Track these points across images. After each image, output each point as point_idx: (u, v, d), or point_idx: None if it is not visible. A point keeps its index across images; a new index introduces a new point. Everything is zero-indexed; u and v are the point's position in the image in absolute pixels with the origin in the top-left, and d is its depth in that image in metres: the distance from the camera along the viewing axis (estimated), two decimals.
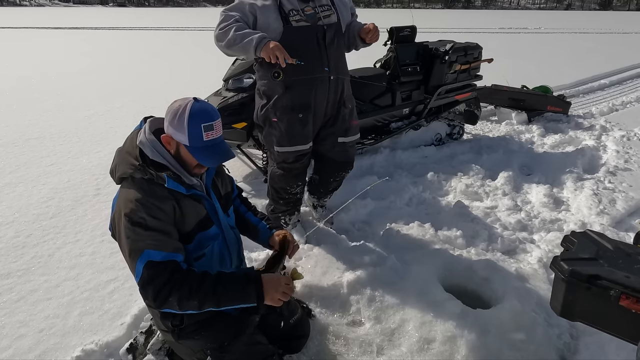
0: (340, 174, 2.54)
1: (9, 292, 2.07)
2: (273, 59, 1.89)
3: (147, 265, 1.21)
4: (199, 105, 1.29)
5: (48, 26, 21.98)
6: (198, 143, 1.28)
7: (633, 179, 3.47)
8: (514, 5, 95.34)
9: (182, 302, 1.23)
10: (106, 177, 3.36)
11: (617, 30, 20.49)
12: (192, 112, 1.27)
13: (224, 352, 1.42)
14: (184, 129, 1.26)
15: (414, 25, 3.78)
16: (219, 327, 1.43)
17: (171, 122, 1.29)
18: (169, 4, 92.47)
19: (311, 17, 2.10)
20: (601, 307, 1.16)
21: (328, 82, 2.19)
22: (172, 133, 1.29)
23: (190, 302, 1.24)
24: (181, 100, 1.31)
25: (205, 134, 1.28)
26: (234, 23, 1.98)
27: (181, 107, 1.28)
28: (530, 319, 1.75)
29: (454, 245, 2.40)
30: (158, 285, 1.21)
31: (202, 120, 1.27)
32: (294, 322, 1.67)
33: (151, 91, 6.58)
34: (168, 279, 1.22)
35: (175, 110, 1.28)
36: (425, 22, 23.17)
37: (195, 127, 1.26)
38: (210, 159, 1.31)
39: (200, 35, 17.10)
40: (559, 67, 8.84)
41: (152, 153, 1.31)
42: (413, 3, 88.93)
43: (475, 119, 4.25)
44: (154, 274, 1.21)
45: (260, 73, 2.22)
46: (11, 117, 5.08)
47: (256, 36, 1.92)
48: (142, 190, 1.26)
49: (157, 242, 1.23)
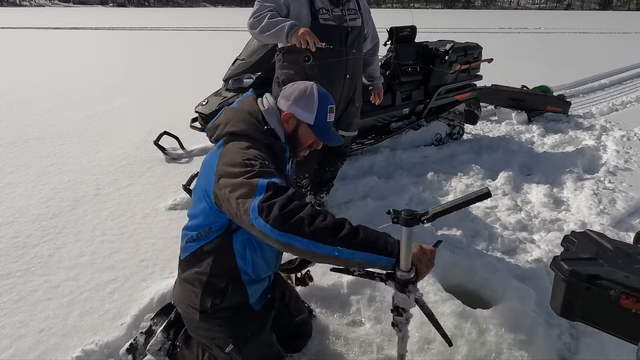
0: (335, 164, 2.69)
1: (9, 292, 2.07)
2: (303, 44, 1.97)
3: (270, 184, 1.10)
4: (322, 89, 1.41)
5: (48, 26, 21.97)
6: (323, 122, 1.40)
7: (633, 179, 3.47)
8: (514, 5, 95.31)
9: (316, 223, 1.04)
10: (106, 177, 3.37)
11: (617, 30, 20.49)
12: (321, 94, 1.39)
13: (247, 344, 1.42)
14: (312, 108, 1.37)
15: (414, 25, 3.78)
16: (246, 318, 1.43)
17: (297, 101, 1.38)
18: (169, 4, 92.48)
19: (338, 18, 2.24)
20: (601, 307, 1.16)
21: (344, 80, 2.33)
22: (295, 111, 1.38)
23: (324, 230, 1.04)
24: (302, 83, 1.42)
25: (329, 114, 1.41)
26: (267, 12, 2.10)
27: (308, 88, 1.39)
28: (530, 319, 1.75)
29: (454, 245, 2.40)
30: (285, 200, 1.07)
31: (328, 102, 1.41)
32: (300, 321, 1.68)
33: (151, 91, 6.57)
34: (293, 197, 1.10)
35: (302, 91, 1.39)
36: (425, 22, 23.18)
37: (324, 107, 1.39)
38: (332, 138, 1.43)
39: (200, 36, 17.11)
40: (559, 67, 8.84)
41: (272, 122, 1.37)
42: (413, 3, 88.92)
43: (475, 119, 4.25)
44: (279, 190, 1.10)
45: (281, 62, 2.33)
46: (11, 117, 5.07)
47: (288, 23, 2.02)
48: (260, 146, 1.28)
49: (274, 174, 1.17)
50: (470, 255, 2.23)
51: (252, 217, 1.08)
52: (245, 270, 1.39)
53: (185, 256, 1.43)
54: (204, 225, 1.34)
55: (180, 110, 5.09)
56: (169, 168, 3.61)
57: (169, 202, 2.92)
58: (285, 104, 1.40)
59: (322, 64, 2.18)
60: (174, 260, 2.33)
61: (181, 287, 1.47)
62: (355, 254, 1.05)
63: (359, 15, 2.33)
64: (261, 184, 1.10)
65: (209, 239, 1.35)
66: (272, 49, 2.98)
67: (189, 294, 1.43)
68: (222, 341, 1.42)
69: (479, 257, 2.21)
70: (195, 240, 1.38)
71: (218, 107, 3.10)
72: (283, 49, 2.29)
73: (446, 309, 1.76)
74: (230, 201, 1.15)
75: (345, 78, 2.33)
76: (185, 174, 3.23)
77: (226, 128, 1.33)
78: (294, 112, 1.38)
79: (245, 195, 1.11)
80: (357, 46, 2.34)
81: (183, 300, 1.46)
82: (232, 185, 1.15)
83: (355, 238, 1.05)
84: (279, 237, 1.05)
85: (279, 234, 1.05)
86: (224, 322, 1.41)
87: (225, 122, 1.35)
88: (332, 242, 1.04)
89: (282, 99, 1.42)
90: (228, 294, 1.39)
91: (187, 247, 1.42)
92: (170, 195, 3.05)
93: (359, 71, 2.44)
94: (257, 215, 1.07)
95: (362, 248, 1.05)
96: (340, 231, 1.05)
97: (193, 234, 1.38)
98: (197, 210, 1.36)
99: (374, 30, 2.53)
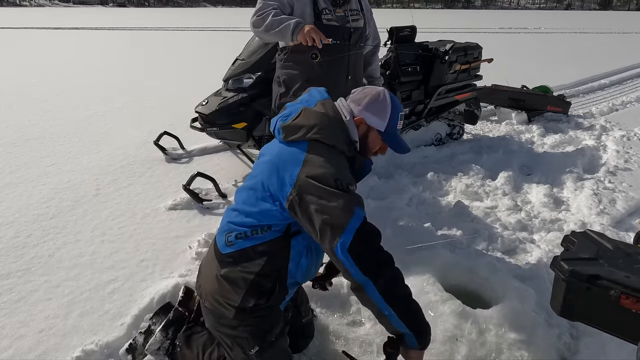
0: None
1: (9, 292, 2.07)
2: (310, 41, 1.96)
3: (360, 228, 1.17)
4: (393, 95, 1.40)
5: (48, 26, 21.98)
6: (393, 130, 1.38)
7: (633, 178, 3.47)
8: (514, 5, 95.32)
9: (396, 285, 1.19)
10: (106, 177, 3.37)
11: (617, 30, 20.49)
12: (393, 101, 1.37)
13: (270, 347, 1.40)
14: (385, 115, 1.36)
15: (414, 25, 3.78)
16: (275, 320, 1.41)
17: (368, 106, 1.36)
18: (169, 4, 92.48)
19: (341, 19, 2.23)
20: (601, 307, 1.16)
21: (346, 81, 2.31)
22: (367, 117, 1.36)
23: (397, 296, 1.18)
24: (372, 88, 1.40)
25: (399, 122, 1.39)
26: (271, 10, 2.09)
27: (381, 94, 1.37)
28: (530, 319, 1.75)
29: (454, 246, 2.40)
30: (375, 249, 1.20)
31: (399, 110, 1.39)
32: (306, 322, 1.69)
33: (151, 91, 6.57)
34: (380, 242, 1.21)
35: (374, 96, 1.36)
36: (425, 22, 23.17)
37: (395, 115, 1.37)
38: (401, 146, 1.42)
39: (200, 36, 17.11)
40: (559, 67, 8.84)
41: (353, 134, 1.36)
42: (413, 3, 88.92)
43: (475, 119, 4.25)
44: (369, 234, 1.19)
45: (282, 62, 2.31)
46: (11, 117, 5.07)
47: (293, 21, 2.01)
48: (343, 159, 1.30)
49: (362, 202, 1.23)
50: (470, 255, 2.23)
51: (338, 251, 1.16)
52: (294, 274, 1.37)
53: (231, 252, 1.35)
54: (263, 224, 1.29)
55: (180, 110, 5.08)
56: (169, 168, 3.61)
57: (169, 202, 2.92)
58: (356, 108, 1.37)
59: (329, 60, 2.16)
60: (174, 260, 2.34)
61: (218, 283, 1.37)
62: (397, 321, 1.18)
63: (361, 16, 2.32)
64: (352, 225, 1.15)
65: (265, 239, 1.30)
66: (273, 49, 2.98)
67: (227, 290, 1.35)
68: (247, 342, 1.37)
69: (479, 257, 2.21)
70: (249, 237, 1.31)
71: (218, 107, 3.10)
72: (285, 49, 2.28)
73: (446, 309, 1.76)
74: (312, 220, 1.19)
75: (347, 79, 2.32)
76: (185, 174, 3.23)
77: (311, 133, 1.28)
78: (365, 118, 1.36)
79: (334, 226, 1.16)
80: (359, 49, 2.34)
81: (216, 296, 1.37)
82: (320, 207, 1.18)
83: (409, 313, 1.19)
84: (360, 278, 1.16)
85: (362, 276, 1.16)
86: (255, 321, 1.36)
87: (310, 125, 1.29)
88: (392, 305, 1.16)
89: (352, 103, 1.39)
90: (274, 295, 1.35)
91: (235, 243, 1.33)
92: (170, 195, 3.05)
93: (360, 72, 2.44)
94: (346, 253, 1.15)
95: (405, 321, 1.18)
96: (406, 303, 1.19)
97: (246, 230, 1.31)
98: (255, 209, 1.30)
99: (375, 30, 2.52)
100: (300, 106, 1.37)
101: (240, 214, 1.35)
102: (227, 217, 1.40)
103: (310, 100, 1.39)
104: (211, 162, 3.76)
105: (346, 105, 1.40)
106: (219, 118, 3.12)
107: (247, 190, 1.36)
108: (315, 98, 1.39)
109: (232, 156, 3.88)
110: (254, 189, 1.32)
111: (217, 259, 1.39)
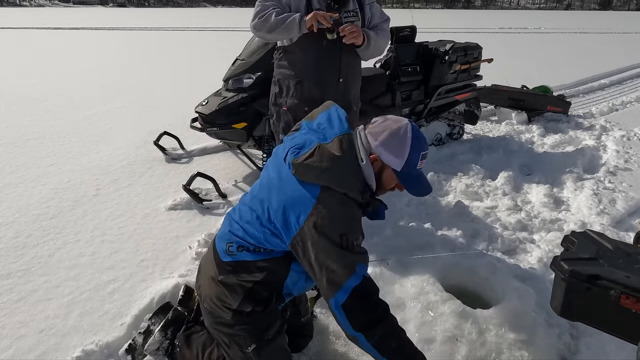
0: None
1: (9, 292, 2.07)
2: (315, 25, 1.98)
3: (357, 288, 1.16)
4: (417, 131, 1.26)
5: (48, 26, 21.97)
6: (411, 170, 1.25)
7: (633, 178, 3.47)
8: (514, 5, 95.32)
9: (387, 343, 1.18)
10: (106, 177, 3.37)
11: (617, 30, 20.49)
12: (414, 138, 1.23)
13: (268, 345, 1.40)
14: (403, 154, 1.23)
15: (414, 25, 3.78)
16: (271, 319, 1.41)
17: (385, 142, 1.24)
18: (169, 4, 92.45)
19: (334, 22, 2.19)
20: (601, 307, 1.16)
21: (337, 84, 2.24)
22: (381, 153, 1.25)
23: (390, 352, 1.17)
24: (395, 121, 1.26)
25: (420, 162, 1.26)
26: (272, 10, 2.09)
27: (401, 130, 1.24)
28: (530, 319, 1.75)
29: (454, 245, 2.40)
30: (370, 308, 1.18)
31: (421, 149, 1.25)
32: (305, 322, 1.69)
33: (151, 91, 6.58)
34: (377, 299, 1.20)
35: (394, 131, 1.24)
36: (425, 22, 23.15)
37: (415, 155, 1.24)
38: (419, 188, 1.30)
39: (200, 36, 17.11)
40: (559, 67, 8.84)
41: (370, 179, 1.27)
42: (413, 3, 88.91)
43: (475, 119, 4.25)
44: (366, 291, 1.17)
45: (277, 62, 2.30)
46: (11, 117, 5.07)
47: (297, 15, 2.04)
48: (357, 209, 1.25)
49: (365, 259, 1.22)
50: (470, 256, 2.23)
51: (332, 305, 1.18)
52: (291, 289, 1.39)
53: (231, 261, 1.35)
54: (265, 246, 1.30)
55: (180, 110, 5.09)
56: (169, 168, 3.61)
57: (169, 202, 2.92)
58: (373, 142, 1.25)
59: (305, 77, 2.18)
60: (174, 260, 2.34)
61: (216, 286, 1.38)
62: None
63: (359, 17, 2.26)
64: (349, 284, 1.15)
65: (267, 256, 1.31)
66: (273, 49, 2.98)
67: (224, 294, 1.36)
68: (244, 340, 1.38)
69: (479, 257, 2.21)
70: (251, 252, 1.32)
71: (218, 107, 3.10)
72: (280, 49, 2.26)
73: (446, 309, 1.76)
74: (312, 267, 1.19)
75: (338, 82, 2.23)
76: (185, 174, 3.24)
77: (322, 178, 1.19)
78: (379, 154, 1.25)
79: (332, 282, 1.16)
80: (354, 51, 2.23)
81: (214, 298, 1.38)
82: (321, 259, 1.17)
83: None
84: (352, 333, 1.18)
85: (354, 332, 1.17)
86: (251, 320, 1.37)
87: (322, 169, 1.19)
88: (387, 356, 1.17)
89: (370, 135, 1.28)
90: (272, 304, 1.37)
91: (237, 254, 1.33)
92: (170, 195, 3.05)
93: (353, 75, 2.32)
94: (340, 309, 1.16)
95: None
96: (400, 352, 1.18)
97: (248, 245, 1.32)
98: (258, 233, 1.29)
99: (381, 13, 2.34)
100: (316, 140, 1.27)
101: (243, 230, 1.33)
102: (229, 226, 1.40)
103: (328, 130, 1.30)
104: (211, 162, 3.76)
105: (364, 140, 1.28)
106: (219, 118, 3.12)
107: (251, 211, 1.33)
108: (334, 129, 1.29)
109: (232, 156, 3.88)
110: (258, 214, 1.30)
111: (216, 264, 1.40)
